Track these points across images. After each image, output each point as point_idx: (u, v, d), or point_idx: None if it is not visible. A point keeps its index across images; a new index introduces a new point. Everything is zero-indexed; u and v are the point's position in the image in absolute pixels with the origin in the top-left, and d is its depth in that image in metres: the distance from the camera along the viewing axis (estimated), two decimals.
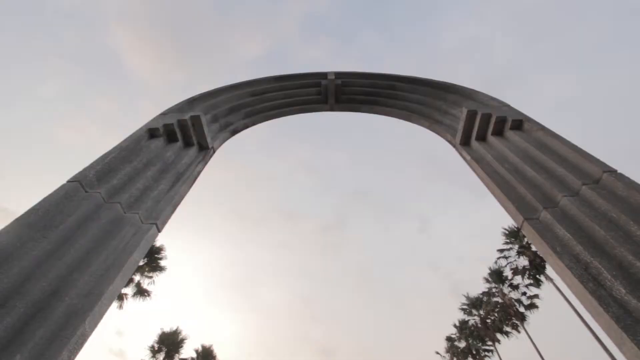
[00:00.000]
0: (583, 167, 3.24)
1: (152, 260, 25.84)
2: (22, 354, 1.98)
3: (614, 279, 2.41)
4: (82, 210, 2.85)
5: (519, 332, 29.34)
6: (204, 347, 39.68)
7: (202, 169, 4.27)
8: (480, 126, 4.21)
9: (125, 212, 3.09)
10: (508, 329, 30.22)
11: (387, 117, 5.63)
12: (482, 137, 4.29)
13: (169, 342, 33.07)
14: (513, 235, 27.56)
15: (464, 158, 4.40)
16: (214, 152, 4.63)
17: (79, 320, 2.24)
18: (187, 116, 4.19)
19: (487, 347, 34.04)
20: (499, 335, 31.32)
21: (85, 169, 3.18)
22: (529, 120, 4.01)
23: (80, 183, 3.00)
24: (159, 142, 3.94)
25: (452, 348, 37.96)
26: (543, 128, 3.82)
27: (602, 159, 3.20)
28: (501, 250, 28.16)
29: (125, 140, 3.70)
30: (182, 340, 33.74)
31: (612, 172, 3.04)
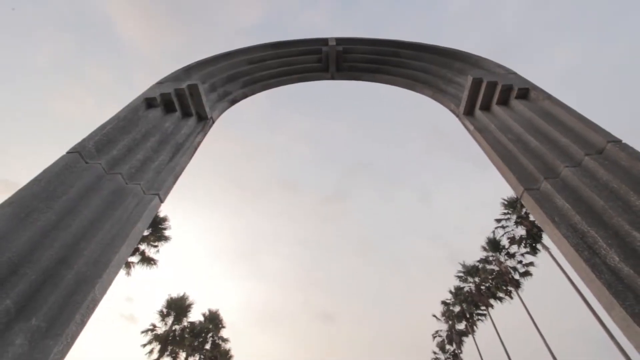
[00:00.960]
0: (587, 137, 3.20)
1: (157, 231, 26.42)
2: (38, 317, 2.08)
3: (609, 248, 2.45)
4: (83, 181, 2.86)
5: (512, 298, 30.56)
6: (210, 311, 41.68)
7: (202, 139, 4.23)
8: (485, 95, 4.11)
9: (127, 183, 3.11)
10: (502, 295, 31.44)
11: (389, 87, 5.47)
12: (486, 107, 4.20)
13: (177, 307, 34.71)
14: (512, 205, 27.87)
15: (467, 128, 4.33)
16: (213, 122, 4.57)
17: (88, 287, 2.33)
18: (184, 85, 4.08)
19: (480, 312, 35.65)
20: (492, 301, 32.68)
21: (84, 140, 3.15)
22: (536, 88, 3.90)
23: (79, 154, 2.99)
24: (156, 113, 3.87)
25: (447, 312, 39.75)
26: (549, 97, 3.72)
27: (609, 129, 3.15)
28: (499, 220, 28.61)
29: (123, 110, 3.64)
30: (189, 306, 35.39)
31: (617, 142, 3.01)
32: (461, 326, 38.58)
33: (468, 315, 36.87)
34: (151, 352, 31.86)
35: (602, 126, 3.20)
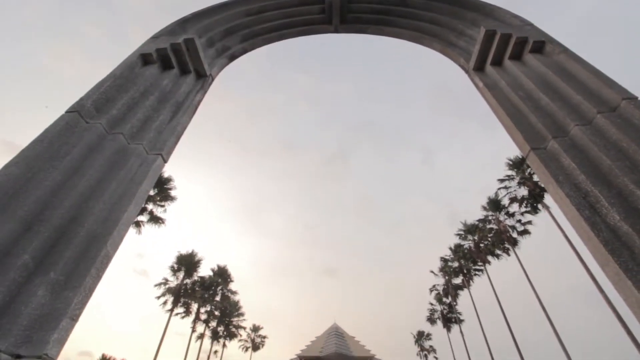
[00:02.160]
0: (602, 93, 3.06)
1: (162, 191, 26.91)
2: (55, 271, 2.19)
3: (610, 207, 2.46)
4: (85, 141, 2.85)
5: (509, 255, 31.62)
6: (219, 267, 43.85)
7: (202, 98, 4.12)
8: (497, 48, 3.88)
9: (129, 143, 3.09)
10: (499, 252, 32.50)
11: (395, 43, 5.17)
12: (497, 62, 3.99)
13: (187, 263, 36.48)
14: (516, 165, 27.73)
15: (476, 85, 4.16)
16: (212, 80, 4.42)
17: (100, 243, 2.42)
18: (180, 39, 3.88)
19: (477, 268, 37.16)
20: (489, 258, 33.89)
21: (82, 99, 3.08)
22: (552, 41, 3.66)
23: (79, 113, 2.94)
24: (153, 70, 3.73)
25: (445, 267, 41.51)
26: (565, 50, 3.51)
27: (628, 85, 3.00)
28: (502, 180, 28.66)
29: (119, 67, 3.51)
30: (198, 262, 37.16)
31: (633, 99, 2.88)
32: (458, 281, 40.50)
33: (465, 271, 38.52)
34: (165, 303, 34.14)
35: (620, 82, 3.06)
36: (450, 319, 43.80)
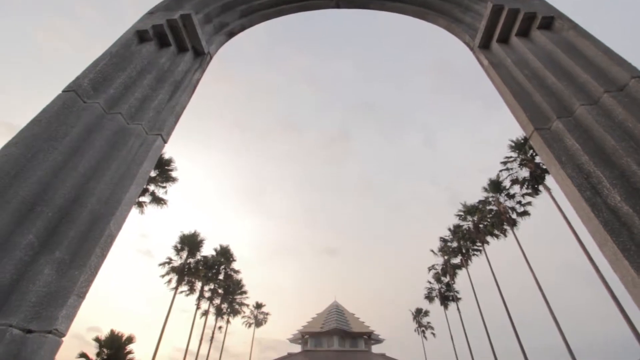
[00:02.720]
0: (610, 72, 2.99)
1: (164, 172, 26.97)
2: (60, 250, 2.22)
3: (612, 188, 2.46)
4: (83, 121, 2.82)
5: (506, 236, 32.00)
6: (221, 246, 44.61)
7: (200, 77, 4.04)
8: (504, 24, 3.75)
9: (128, 124, 3.06)
10: (498, 232, 32.88)
11: (398, 21, 5.00)
12: (504, 39, 3.87)
13: (190, 243, 37.10)
14: (519, 147, 27.56)
15: (481, 63, 4.05)
16: (210, 58, 4.31)
17: (104, 223, 2.44)
18: (176, 15, 3.76)
19: (476, 247, 37.72)
20: (488, 238, 34.33)
21: (78, 78, 3.02)
22: (561, 17, 3.54)
23: (76, 93, 2.89)
24: (150, 47, 3.63)
25: (444, 247, 42.14)
26: (575, 27, 3.40)
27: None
28: (504, 163, 28.59)
29: (114, 45, 3.42)
30: (201, 241, 37.78)
31: None
32: (456, 260, 41.23)
33: (464, 251, 39.12)
34: (169, 281, 35.00)
35: (630, 60, 2.97)
36: (447, 297, 44.93)
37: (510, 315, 29.00)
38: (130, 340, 30.30)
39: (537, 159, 26.41)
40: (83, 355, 29.48)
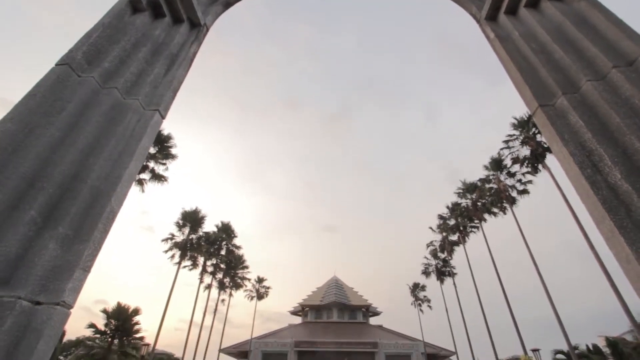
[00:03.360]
0: (620, 46, 2.89)
1: (163, 149, 26.84)
2: (63, 226, 2.25)
3: (613, 165, 2.45)
4: (79, 96, 2.76)
5: (505, 213, 32.33)
6: (223, 223, 45.24)
7: (197, 50, 3.91)
8: None
9: (124, 99, 3.00)
10: (496, 210, 33.20)
11: None
12: (512, 10, 3.72)
13: (191, 219, 37.57)
14: (521, 125, 27.26)
15: (487, 36, 3.92)
16: (207, 30, 4.16)
17: (105, 199, 2.45)
18: None
19: (473, 225, 38.24)
20: (486, 216, 34.71)
21: (71, 51, 2.93)
22: None
23: (69, 66, 2.81)
24: (144, 18, 3.50)
25: (442, 225, 42.72)
26: None
27: None
28: (506, 142, 28.39)
29: (107, 15, 3.29)
30: (202, 218, 38.27)
31: None
32: (454, 237, 41.92)
33: (462, 228, 39.68)
34: (173, 256, 35.79)
35: None
36: (444, 272, 46.10)
37: (504, 289, 29.89)
38: (136, 312, 31.45)
39: (539, 138, 26.20)
40: (92, 325, 30.71)
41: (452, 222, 41.06)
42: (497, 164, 30.75)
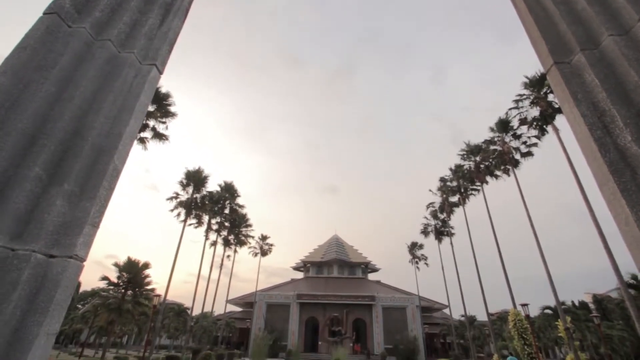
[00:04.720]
0: None
1: (162, 107, 26.35)
2: (69, 183, 2.26)
3: (624, 127, 2.38)
4: (72, 49, 2.63)
5: (508, 176, 32.33)
6: (226, 183, 45.82)
7: None
8: None
9: (119, 52, 2.86)
10: (498, 173, 33.18)
11: None
12: None
13: (195, 179, 38.01)
14: (533, 84, 26.22)
15: None
16: None
17: (108, 157, 2.45)
18: None
19: (474, 187, 38.51)
20: (488, 178, 34.79)
21: None
22: None
23: (58, 15, 2.65)
24: None
25: (443, 187, 43.07)
26: None
27: None
28: (516, 101, 27.50)
29: None
30: (206, 177, 38.69)
31: None
32: (454, 199, 42.45)
33: (463, 190, 40.03)
34: (178, 215, 36.77)
35: None
36: (442, 232, 47.40)
37: (499, 249, 30.92)
38: (146, 266, 33.11)
39: (550, 97, 25.33)
40: (105, 278, 32.53)
41: (453, 183, 41.31)
42: (503, 125, 30.11)
